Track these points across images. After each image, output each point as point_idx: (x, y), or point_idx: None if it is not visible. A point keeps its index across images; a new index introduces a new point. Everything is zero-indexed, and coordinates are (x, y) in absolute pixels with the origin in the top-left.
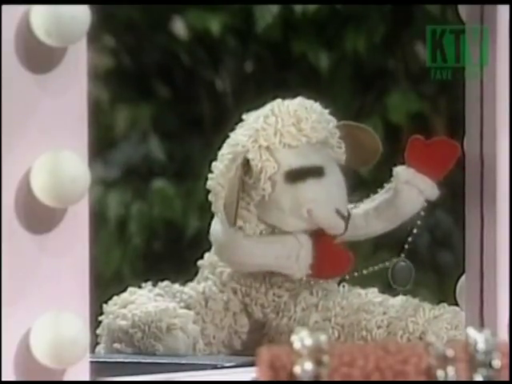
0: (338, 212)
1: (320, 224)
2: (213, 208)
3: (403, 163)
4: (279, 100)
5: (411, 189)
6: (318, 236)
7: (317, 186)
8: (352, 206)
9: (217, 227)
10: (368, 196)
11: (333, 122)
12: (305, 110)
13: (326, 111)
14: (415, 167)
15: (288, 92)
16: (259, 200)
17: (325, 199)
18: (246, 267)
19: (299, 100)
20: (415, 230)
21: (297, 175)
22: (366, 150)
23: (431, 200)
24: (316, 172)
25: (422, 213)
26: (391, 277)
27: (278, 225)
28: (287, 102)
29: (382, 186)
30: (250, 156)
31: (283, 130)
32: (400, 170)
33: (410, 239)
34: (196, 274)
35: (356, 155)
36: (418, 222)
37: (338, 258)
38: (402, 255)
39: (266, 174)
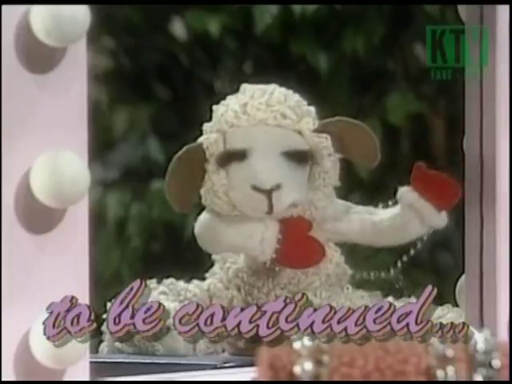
0: (256, 188)
1: (239, 206)
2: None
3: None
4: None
5: (415, 217)
6: (292, 223)
7: (237, 170)
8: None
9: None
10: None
11: (302, 108)
12: (260, 91)
13: (295, 98)
14: (419, 192)
15: None
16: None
17: (241, 181)
18: (215, 247)
19: (271, 86)
20: (412, 251)
21: (222, 160)
22: (363, 146)
23: (439, 228)
24: (239, 156)
25: (425, 237)
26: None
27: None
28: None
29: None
30: (201, 140)
31: (235, 109)
32: (404, 193)
33: (404, 259)
34: (195, 275)
35: (353, 151)
36: (418, 245)
37: (309, 249)
38: (392, 270)
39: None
